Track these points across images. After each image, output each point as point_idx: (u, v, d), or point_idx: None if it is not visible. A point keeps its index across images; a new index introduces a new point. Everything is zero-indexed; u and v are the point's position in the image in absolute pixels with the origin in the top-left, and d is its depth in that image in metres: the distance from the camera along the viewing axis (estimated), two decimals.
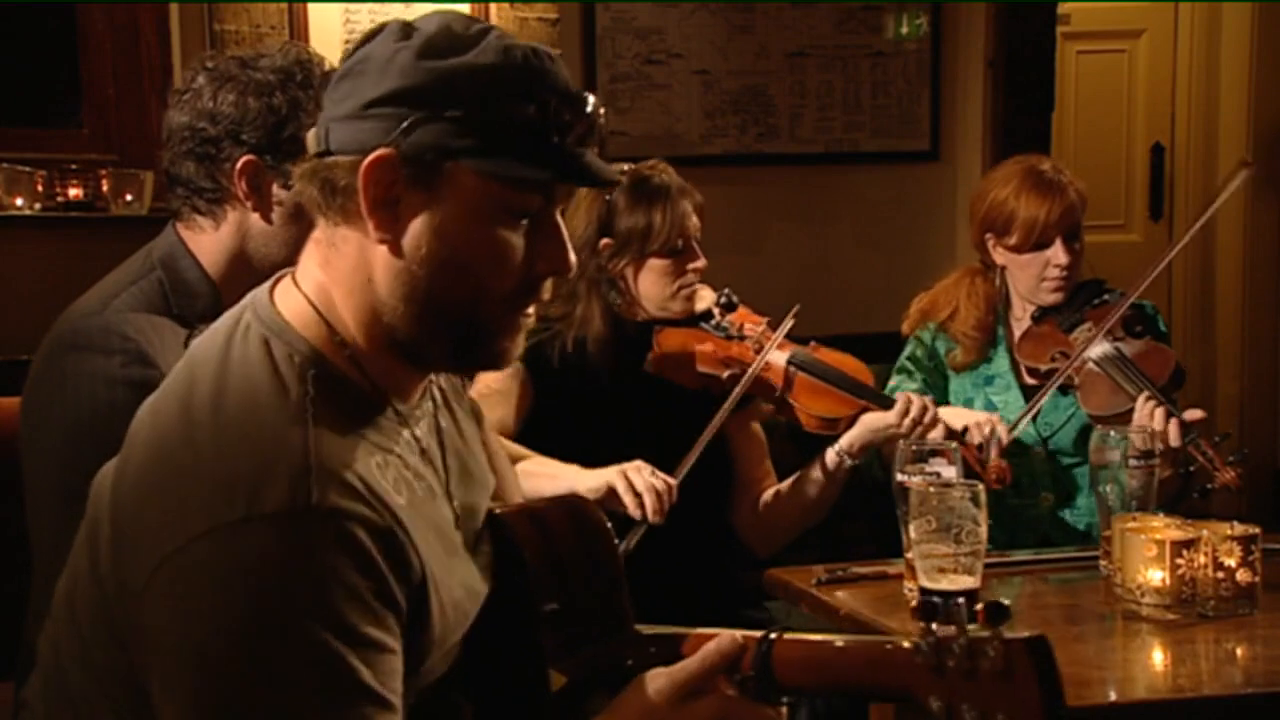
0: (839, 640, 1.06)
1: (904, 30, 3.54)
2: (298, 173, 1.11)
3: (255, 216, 1.60)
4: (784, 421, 2.26)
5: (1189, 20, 4.86)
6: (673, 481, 1.99)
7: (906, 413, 2.07)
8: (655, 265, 2.18)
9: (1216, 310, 4.92)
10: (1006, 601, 0.97)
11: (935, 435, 2.07)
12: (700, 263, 2.21)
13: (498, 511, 1.24)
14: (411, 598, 1.05)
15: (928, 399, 2.11)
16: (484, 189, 1.06)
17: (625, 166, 2.24)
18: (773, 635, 1.06)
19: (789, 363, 2.21)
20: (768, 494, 2.26)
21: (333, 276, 1.10)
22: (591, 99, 1.10)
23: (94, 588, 1.07)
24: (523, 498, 1.44)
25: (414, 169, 1.06)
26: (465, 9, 2.94)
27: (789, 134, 3.53)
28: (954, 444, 1.90)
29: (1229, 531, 1.64)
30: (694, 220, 2.19)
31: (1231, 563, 1.62)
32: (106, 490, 1.09)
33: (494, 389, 2.16)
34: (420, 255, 1.07)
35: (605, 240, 2.18)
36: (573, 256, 1.13)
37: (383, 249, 1.07)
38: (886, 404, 2.13)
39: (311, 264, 1.12)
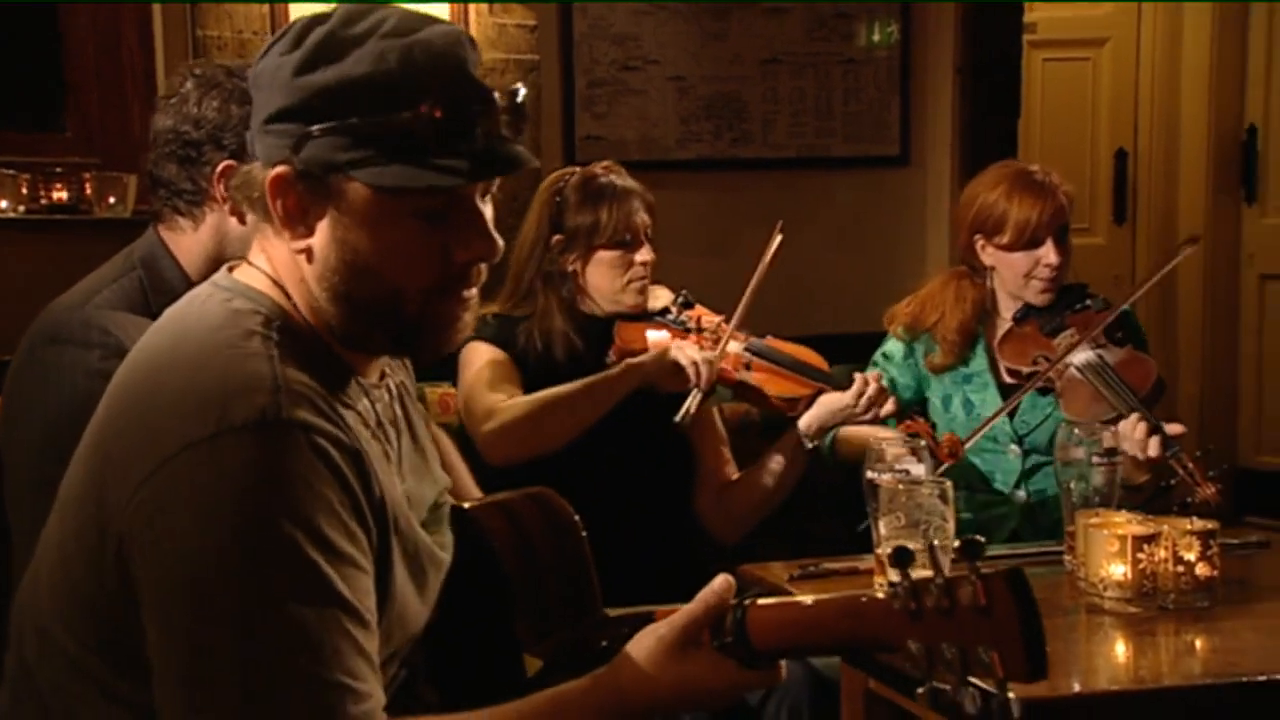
0: (812, 599, 1.07)
1: (876, 38, 3.60)
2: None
3: (233, 219, 1.65)
4: (748, 418, 2.32)
5: (1151, 29, 4.96)
6: (714, 355, 2.17)
7: (862, 393, 2.17)
8: (603, 257, 2.24)
9: (1178, 314, 5.02)
10: (950, 530, 0.99)
11: (888, 409, 2.19)
12: (648, 255, 2.26)
13: (466, 506, 1.26)
14: (378, 524, 1.07)
15: (882, 380, 2.21)
16: (376, 197, 1.07)
17: (575, 169, 2.33)
18: (746, 601, 1.08)
19: (745, 349, 2.29)
20: (729, 481, 2.33)
21: (277, 270, 1.14)
22: (489, 88, 1.10)
23: (74, 544, 1.08)
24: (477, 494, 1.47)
25: (309, 183, 1.08)
26: (445, 12, 2.97)
27: (762, 139, 3.58)
28: (917, 440, 1.95)
29: (1188, 527, 1.69)
30: (643, 216, 2.26)
31: (1191, 557, 1.66)
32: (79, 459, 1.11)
33: (493, 375, 2.20)
34: (332, 263, 1.09)
35: (556, 237, 2.26)
36: (498, 242, 1.13)
37: (301, 257, 1.11)
38: (842, 386, 2.21)
39: (260, 258, 1.16)
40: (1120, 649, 1.62)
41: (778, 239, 2.27)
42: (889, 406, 2.20)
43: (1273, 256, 4.75)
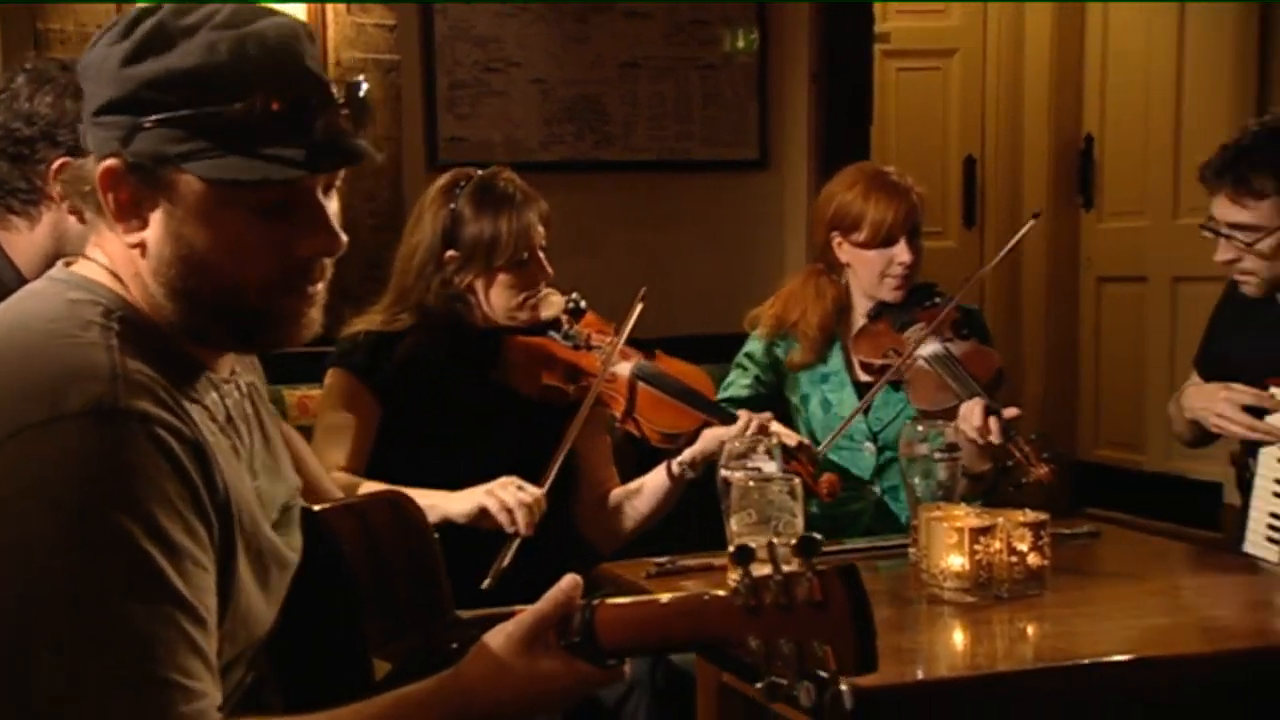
0: (658, 599, 1.09)
1: (733, 44, 3.67)
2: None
3: (72, 218, 1.60)
4: (624, 431, 2.29)
5: (996, 41, 5.16)
6: (540, 493, 2.01)
7: (746, 429, 2.14)
8: (504, 280, 2.18)
9: (1023, 315, 5.23)
10: (799, 526, 1.03)
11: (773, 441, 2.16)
12: (546, 273, 2.22)
13: (316, 509, 1.25)
14: (220, 520, 1.05)
15: (766, 416, 2.19)
16: (210, 190, 1.05)
17: (474, 172, 2.24)
18: (594, 601, 1.10)
19: (633, 374, 2.25)
20: (611, 495, 2.31)
21: (115, 265, 1.12)
22: (327, 80, 1.09)
23: None
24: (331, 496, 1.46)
25: (141, 176, 1.06)
26: (301, 11, 2.92)
27: (623, 142, 3.62)
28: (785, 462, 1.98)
29: (1021, 518, 1.75)
30: (540, 230, 2.20)
31: (1023, 547, 1.74)
32: None
33: (337, 425, 2.16)
34: (167, 257, 1.08)
35: (451, 253, 2.18)
36: (342, 236, 1.12)
37: (136, 251, 1.09)
38: (727, 418, 2.19)
39: (97, 252, 1.14)
40: (958, 637, 1.69)
41: (639, 307, 2.24)
42: (772, 432, 2.15)
43: (1109, 260, 4.98)
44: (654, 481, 2.25)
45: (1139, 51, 4.74)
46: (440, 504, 1.99)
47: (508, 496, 1.98)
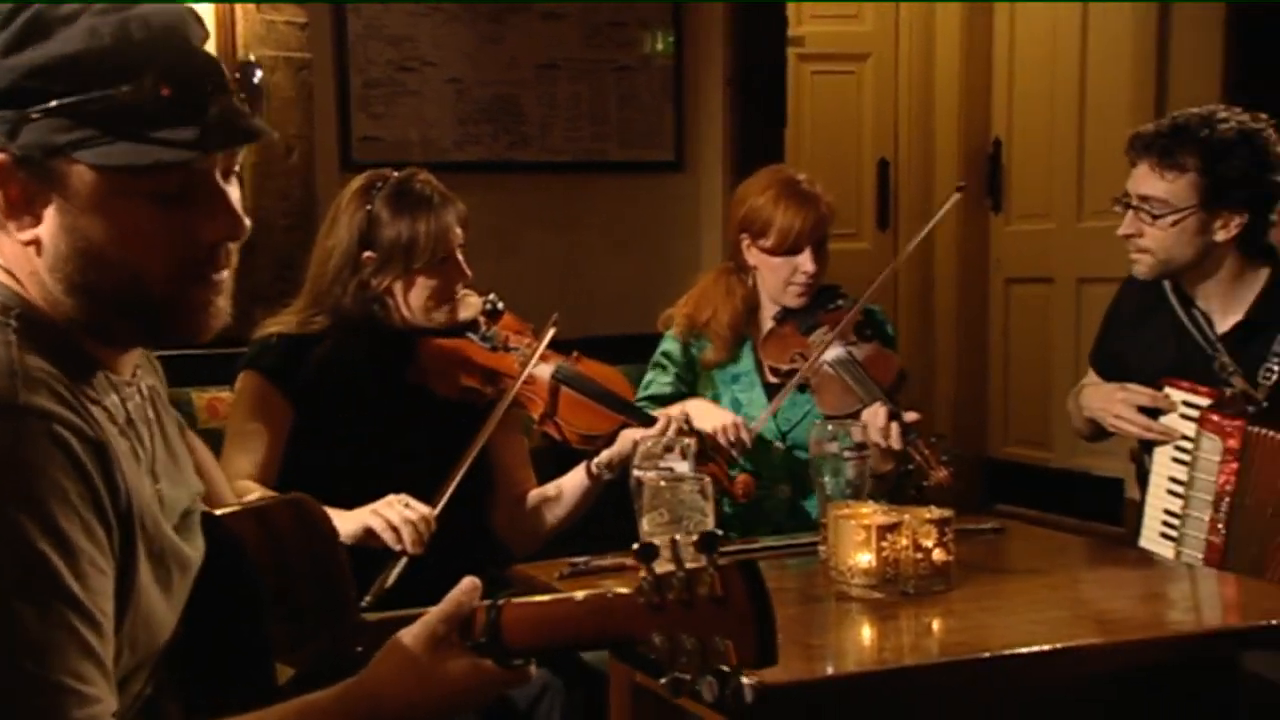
0: (563, 598, 1.10)
1: (649, 47, 3.69)
2: None
3: None
4: (542, 432, 2.29)
5: (908, 46, 5.24)
6: (428, 512, 1.99)
7: (665, 430, 2.15)
8: (423, 283, 2.17)
9: (935, 315, 5.32)
10: (710, 524, 1.04)
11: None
12: (464, 275, 2.22)
13: (218, 513, 1.24)
14: (121, 522, 1.03)
15: (685, 416, 2.20)
16: (103, 179, 1.03)
17: (390, 173, 2.23)
18: (500, 601, 1.10)
19: (553, 377, 2.25)
20: (527, 497, 2.31)
21: (9, 264, 1.09)
22: (218, 62, 1.07)
23: None
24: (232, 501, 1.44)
25: (30, 171, 1.03)
26: (208, 10, 2.88)
27: (540, 143, 3.62)
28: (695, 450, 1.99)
29: (927, 516, 1.80)
30: (458, 232, 2.19)
31: (929, 544, 1.78)
32: None
33: (246, 430, 2.14)
34: (63, 252, 1.05)
35: (368, 254, 2.17)
36: (245, 220, 1.11)
37: (31, 249, 1.06)
38: (646, 420, 2.20)
39: None
40: (866, 633, 1.72)
41: (551, 331, 2.24)
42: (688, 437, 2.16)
43: (1017, 262, 5.09)
44: (572, 483, 2.26)
45: (1044, 56, 4.85)
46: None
47: (393, 515, 1.96)
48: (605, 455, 2.20)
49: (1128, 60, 4.41)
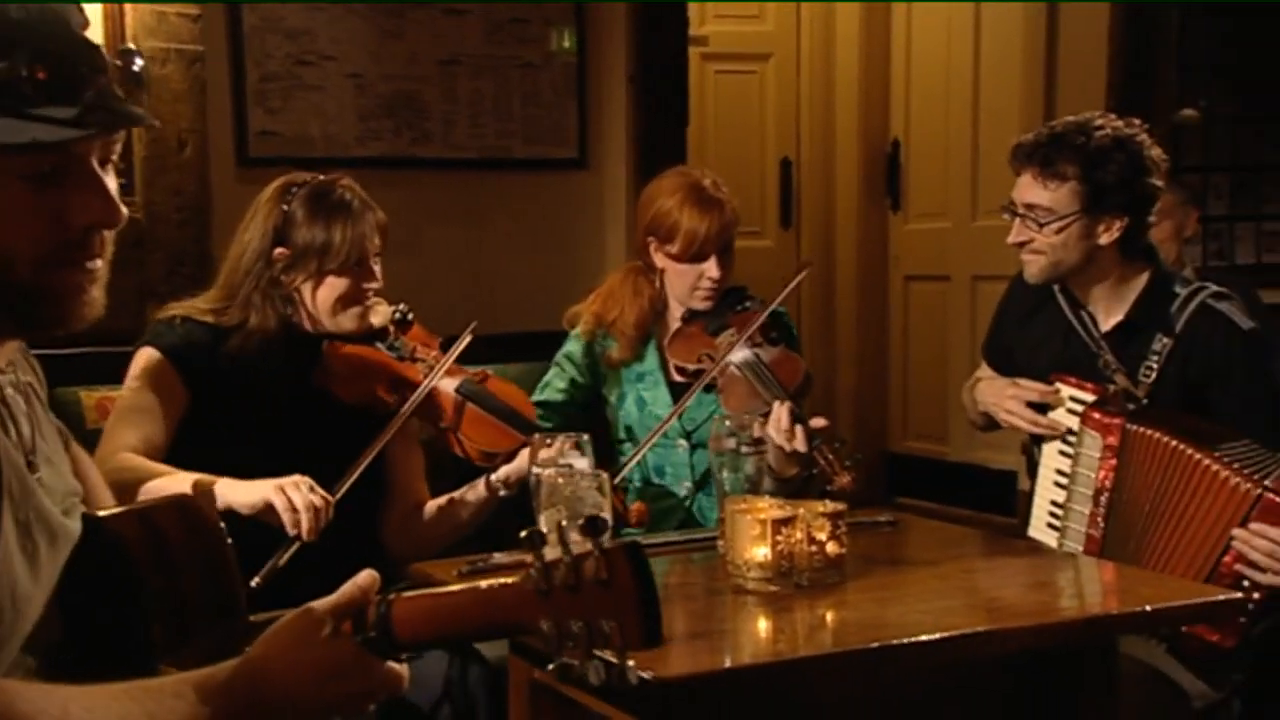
0: (452, 589, 1.10)
1: (552, 44, 3.69)
2: None
3: None
4: (440, 444, 2.28)
5: (809, 47, 5.32)
6: (330, 499, 1.97)
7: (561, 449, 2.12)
8: (332, 283, 2.16)
9: (836, 312, 5.41)
10: (605, 515, 1.05)
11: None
12: (377, 283, 2.21)
13: (100, 514, 1.21)
14: None
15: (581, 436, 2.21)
16: None
17: (307, 176, 2.21)
18: (391, 596, 1.09)
19: (457, 391, 2.24)
20: (422, 509, 2.29)
21: None
22: (97, 47, 1.06)
23: None
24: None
25: None
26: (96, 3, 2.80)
27: (443, 139, 3.59)
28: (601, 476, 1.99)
29: (821, 509, 1.83)
30: (375, 240, 2.19)
31: (823, 537, 1.81)
32: None
33: (138, 405, 2.09)
34: None
35: (280, 250, 2.15)
36: (120, 208, 1.10)
37: None
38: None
39: None
40: (762, 625, 1.74)
41: (467, 339, 2.23)
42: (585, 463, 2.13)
43: (915, 259, 5.20)
44: (467, 497, 2.25)
45: (939, 59, 4.96)
46: (225, 492, 1.93)
47: (297, 497, 1.93)
48: (504, 471, 2.20)
49: (1019, 62, 4.53)
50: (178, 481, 1.95)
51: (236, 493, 1.93)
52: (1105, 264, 2.26)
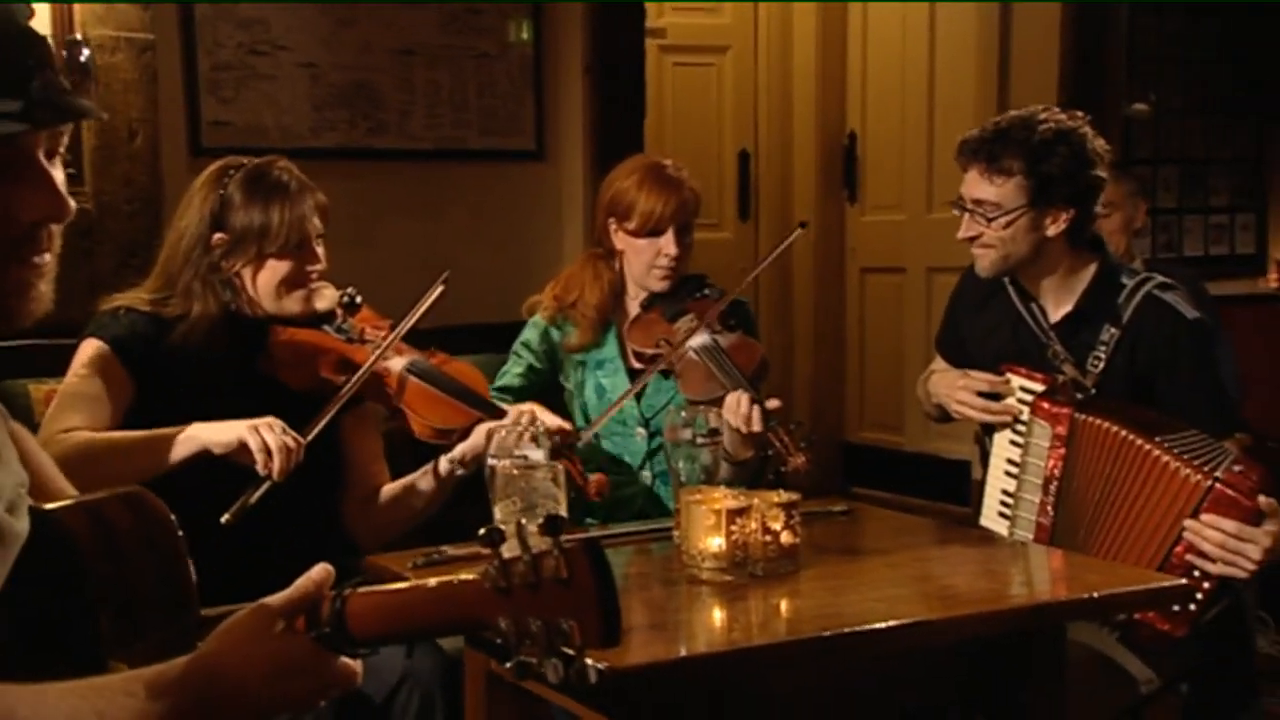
0: (410, 585, 1.09)
1: (508, 35, 3.67)
2: None
3: None
4: (397, 428, 2.26)
5: (766, 40, 5.34)
6: (301, 441, 1.99)
7: (517, 420, 2.15)
8: (273, 266, 2.14)
9: (794, 303, 5.44)
10: (563, 513, 1.05)
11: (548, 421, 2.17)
12: (320, 265, 2.19)
13: (48, 507, 1.20)
14: None
15: (529, 406, 2.21)
16: None
17: (244, 160, 2.19)
18: (346, 591, 1.09)
19: (406, 369, 2.23)
20: (380, 492, 2.28)
21: None
22: (43, 38, 1.05)
23: None
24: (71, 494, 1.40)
25: None
26: None
27: (399, 130, 3.57)
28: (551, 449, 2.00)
29: (775, 499, 1.85)
30: (315, 222, 2.17)
31: (777, 527, 1.83)
32: None
33: (83, 392, 2.07)
34: None
35: (219, 235, 2.13)
36: (69, 202, 1.09)
37: None
38: (499, 414, 2.20)
39: None
40: (717, 615, 1.76)
41: (439, 289, 2.20)
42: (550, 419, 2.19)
43: (871, 251, 5.23)
44: (425, 478, 2.24)
45: (895, 52, 4.99)
46: (199, 433, 1.97)
47: (270, 437, 1.95)
48: (459, 450, 2.19)
49: (973, 57, 4.57)
50: (151, 436, 1.97)
51: (211, 433, 1.97)
52: (1054, 255, 2.29)
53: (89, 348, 2.13)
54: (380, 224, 3.56)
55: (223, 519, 1.91)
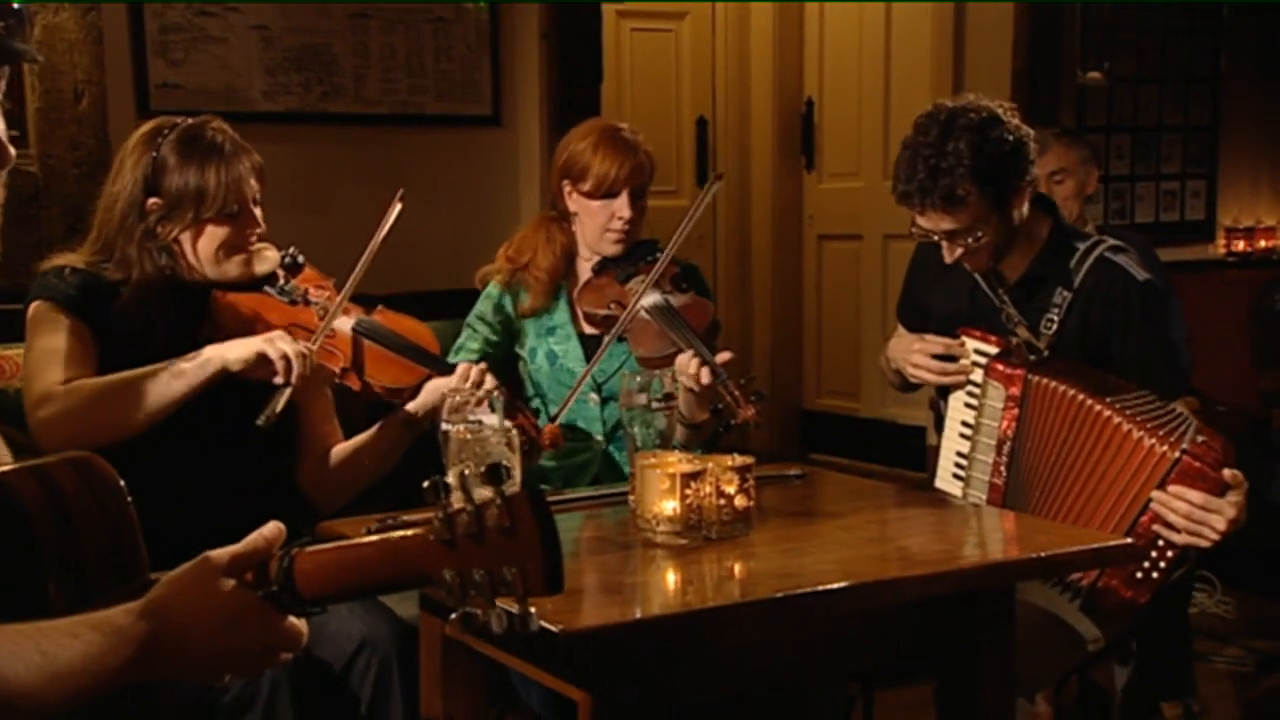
0: (356, 541, 1.09)
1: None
2: None
3: None
4: (346, 386, 2.27)
5: (724, 6, 5.32)
6: (314, 347, 2.08)
7: (466, 378, 2.16)
8: (211, 232, 2.11)
9: (752, 270, 5.45)
10: (505, 463, 1.05)
11: (489, 386, 2.16)
12: (259, 229, 2.16)
13: None
14: None
15: (481, 366, 2.21)
16: None
17: (177, 120, 2.15)
18: (294, 550, 1.09)
19: (354, 330, 2.22)
20: (333, 451, 2.28)
21: None
22: None
23: None
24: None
25: None
26: None
27: (354, 94, 3.54)
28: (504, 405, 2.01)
29: (729, 463, 1.85)
30: (252, 184, 2.13)
31: (731, 490, 1.84)
32: None
33: (53, 347, 2.04)
34: None
35: (153, 200, 2.10)
36: (9, 149, 1.07)
37: None
38: (449, 371, 2.20)
39: None
40: (671, 578, 1.76)
41: (397, 207, 2.18)
42: (489, 383, 2.17)
43: (828, 219, 5.25)
44: (377, 436, 2.24)
45: (852, 19, 4.99)
46: (217, 354, 2.01)
47: (286, 346, 2.03)
48: (412, 406, 2.19)
49: (929, 25, 4.58)
50: (164, 367, 1.99)
51: (229, 350, 2.03)
52: (1025, 223, 2.30)
53: (42, 309, 2.09)
54: (335, 190, 3.53)
55: (258, 421, 2.01)
